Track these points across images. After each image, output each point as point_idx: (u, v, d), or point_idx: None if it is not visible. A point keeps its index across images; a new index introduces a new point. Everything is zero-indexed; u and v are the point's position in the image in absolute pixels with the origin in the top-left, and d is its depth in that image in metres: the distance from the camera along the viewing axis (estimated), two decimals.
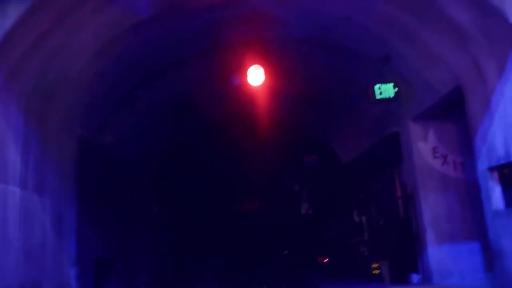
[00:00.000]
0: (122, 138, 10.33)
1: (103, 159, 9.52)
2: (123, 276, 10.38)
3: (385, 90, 8.46)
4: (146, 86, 9.77)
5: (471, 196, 8.56)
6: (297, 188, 18.29)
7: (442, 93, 7.90)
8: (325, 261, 16.59)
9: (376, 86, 8.42)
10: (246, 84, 10.13)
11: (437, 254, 8.63)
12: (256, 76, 9.90)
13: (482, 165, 6.96)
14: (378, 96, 8.47)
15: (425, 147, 9.15)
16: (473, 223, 8.59)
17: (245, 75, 9.93)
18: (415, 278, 9.13)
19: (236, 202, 17.97)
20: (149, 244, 12.35)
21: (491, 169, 6.79)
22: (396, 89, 8.41)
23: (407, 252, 9.45)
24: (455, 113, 8.66)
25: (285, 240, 18.61)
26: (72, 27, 6.65)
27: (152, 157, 13.00)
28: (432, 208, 8.84)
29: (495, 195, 6.75)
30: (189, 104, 11.93)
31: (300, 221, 17.97)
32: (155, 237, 12.87)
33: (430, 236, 8.68)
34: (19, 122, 6.41)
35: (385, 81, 8.47)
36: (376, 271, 11.42)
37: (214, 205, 17.21)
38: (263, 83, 10.07)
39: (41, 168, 7.03)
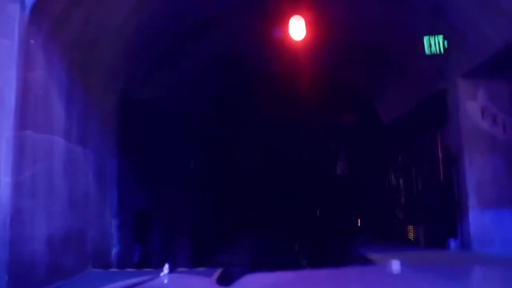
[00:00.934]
0: (165, 93, 10.20)
1: (144, 113, 9.45)
2: (162, 227, 10.48)
3: (435, 43, 7.89)
4: (187, 41, 9.48)
5: None
6: (333, 147, 17.89)
7: (498, 47, 7.19)
8: (358, 222, 16.42)
9: (426, 38, 7.85)
10: (287, 36, 9.66)
11: (478, 220, 8.16)
12: (297, 28, 9.43)
13: None
14: (427, 49, 7.92)
15: (473, 106, 8.52)
16: None
17: (286, 27, 9.46)
18: (453, 243, 8.77)
19: (272, 160, 17.84)
20: (190, 198, 12.38)
21: None
22: (447, 42, 7.82)
23: (445, 217, 9.05)
24: (509, 71, 7.99)
25: (319, 200, 18.47)
26: None
27: (195, 112, 12.85)
28: (477, 171, 8.31)
29: None
30: (231, 59, 11.61)
31: (335, 182, 17.72)
32: (195, 191, 12.89)
33: (472, 201, 8.21)
34: (62, 74, 6.30)
35: (435, 33, 7.88)
36: (411, 235, 11.15)
37: (251, 161, 17.17)
38: (304, 36, 9.58)
39: (84, 121, 7.02)
